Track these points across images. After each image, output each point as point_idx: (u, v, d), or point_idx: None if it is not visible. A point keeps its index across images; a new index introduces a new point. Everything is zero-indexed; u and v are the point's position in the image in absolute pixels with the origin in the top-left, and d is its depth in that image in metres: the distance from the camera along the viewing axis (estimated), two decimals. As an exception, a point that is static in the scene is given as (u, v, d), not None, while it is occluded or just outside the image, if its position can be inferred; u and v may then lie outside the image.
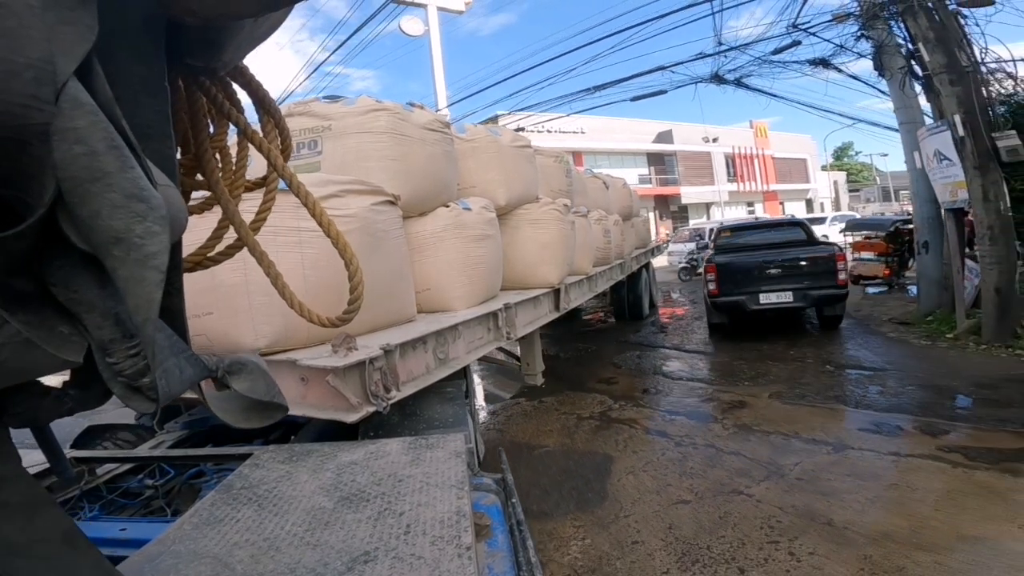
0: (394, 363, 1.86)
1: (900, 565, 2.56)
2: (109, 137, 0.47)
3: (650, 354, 7.45)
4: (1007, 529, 2.72)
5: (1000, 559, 2.51)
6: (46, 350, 0.52)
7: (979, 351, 5.79)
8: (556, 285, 3.94)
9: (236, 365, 0.85)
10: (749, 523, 3.08)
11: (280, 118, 1.02)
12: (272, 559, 0.92)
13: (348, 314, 1.05)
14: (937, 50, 6.23)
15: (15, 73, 0.42)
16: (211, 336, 1.88)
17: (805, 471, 3.64)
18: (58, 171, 0.44)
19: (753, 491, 3.44)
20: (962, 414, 4.36)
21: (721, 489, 3.53)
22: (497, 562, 1.03)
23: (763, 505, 3.26)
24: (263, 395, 0.87)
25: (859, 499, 3.20)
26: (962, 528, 2.79)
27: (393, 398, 1.81)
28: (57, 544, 0.57)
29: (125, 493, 1.54)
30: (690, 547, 2.93)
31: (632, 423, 4.88)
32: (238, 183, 1.00)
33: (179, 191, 0.67)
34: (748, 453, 3.99)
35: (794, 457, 3.86)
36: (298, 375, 1.82)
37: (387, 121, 2.65)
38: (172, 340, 0.63)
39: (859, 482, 3.41)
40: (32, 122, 0.43)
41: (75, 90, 0.45)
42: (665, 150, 32.59)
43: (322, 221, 1.00)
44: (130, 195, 0.47)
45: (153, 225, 0.49)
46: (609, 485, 3.71)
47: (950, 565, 2.53)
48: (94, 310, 0.55)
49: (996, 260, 5.70)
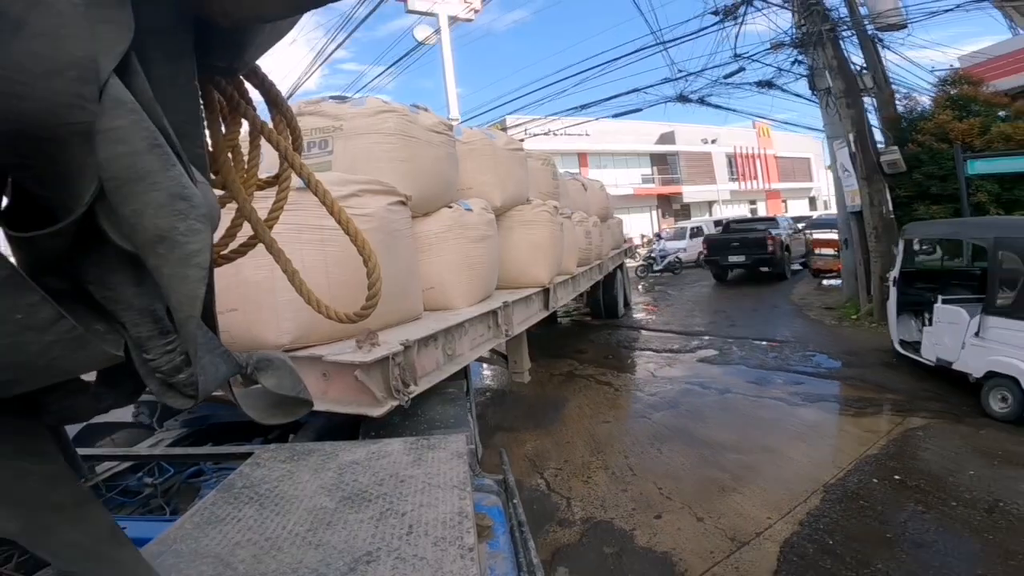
0: (412, 359, 1.91)
1: (718, 458, 4.14)
2: (151, 136, 0.47)
3: (620, 332, 9.13)
4: (796, 445, 4.24)
5: (777, 461, 3.99)
6: (94, 347, 0.52)
7: (870, 329, 7.33)
8: (547, 285, 4.16)
9: (264, 362, 0.87)
10: (641, 434, 4.75)
11: (291, 116, 1.02)
12: (274, 559, 0.92)
13: (366, 310, 1.05)
14: (838, 77, 7.77)
15: (59, 72, 0.41)
16: (234, 333, 1.88)
17: (693, 406, 5.30)
18: (102, 171, 0.45)
19: (653, 417, 5.11)
20: (822, 372, 5.96)
21: (633, 415, 5.23)
22: (499, 563, 1.03)
23: (655, 425, 4.93)
24: (290, 391, 0.90)
25: (717, 423, 4.83)
26: (767, 442, 4.33)
27: (412, 393, 1.86)
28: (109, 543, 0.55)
29: (124, 491, 1.52)
30: (600, 445, 4.61)
31: (589, 377, 6.57)
32: (251, 180, 0.99)
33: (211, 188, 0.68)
34: (661, 395, 5.67)
35: (691, 398, 5.52)
36: (320, 371, 1.84)
37: (396, 123, 2.70)
38: (208, 337, 0.62)
39: (723, 413, 5.06)
40: (75, 121, 0.43)
41: (116, 89, 0.45)
42: (668, 150, 33.84)
43: (341, 219, 0.98)
44: (173, 194, 0.48)
45: (196, 223, 0.50)
46: (560, 413, 5.41)
47: (745, 461, 4.06)
48: (131, 308, 0.56)
49: (880, 254, 7.23)
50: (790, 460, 4.01)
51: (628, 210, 31.53)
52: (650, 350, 7.71)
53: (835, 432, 4.54)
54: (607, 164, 31.74)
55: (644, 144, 33.43)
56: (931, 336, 4.79)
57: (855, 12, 8.70)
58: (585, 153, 31.16)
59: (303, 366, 1.81)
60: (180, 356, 0.57)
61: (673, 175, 34.11)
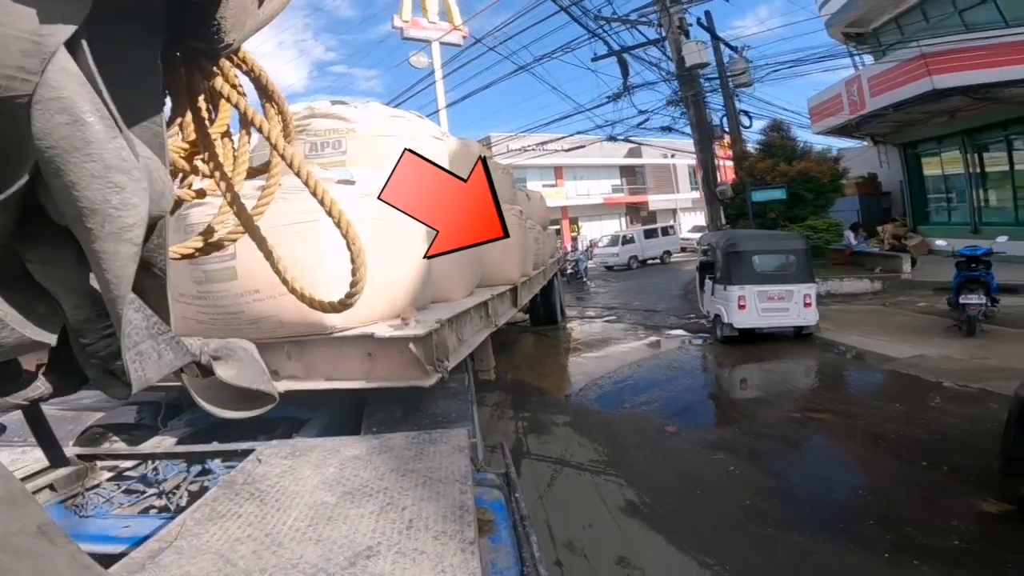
0: (444, 336, 2.04)
1: (591, 351, 8.00)
2: (94, 107, 0.46)
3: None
4: (627, 346, 8.24)
5: (615, 353, 8.01)
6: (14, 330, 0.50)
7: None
8: (517, 283, 4.52)
9: (223, 350, 0.83)
10: (562, 347, 8.40)
11: (284, 105, 0.99)
12: (274, 554, 0.92)
13: (350, 298, 1.03)
14: (696, 129, 11.44)
15: (4, 46, 0.41)
16: (284, 317, 1.93)
17: (592, 333, 8.98)
18: (38, 141, 0.44)
19: (573, 340, 8.78)
20: (664, 323, 9.65)
21: (561, 344, 8.89)
22: (500, 557, 1.03)
23: (581, 362, 8.59)
24: (251, 383, 0.84)
25: (599, 339, 8.62)
26: (613, 345, 8.24)
27: (448, 367, 1.95)
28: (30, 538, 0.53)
29: (128, 490, 1.52)
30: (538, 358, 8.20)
31: (536, 333, 10.23)
32: (240, 168, 0.97)
33: (167, 168, 0.65)
34: (581, 332, 9.37)
35: (594, 332, 9.23)
36: (364, 351, 1.93)
37: (404, 127, 2.92)
38: (150, 321, 0.59)
39: (603, 336, 8.83)
40: (17, 93, 0.43)
41: (63, 61, 0.44)
42: (636, 163, 37.61)
43: (332, 211, 0.96)
44: (109, 166, 0.46)
45: (132, 197, 0.48)
46: (517, 346, 9.05)
47: (600, 352, 7.96)
48: (71, 289, 0.54)
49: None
50: (622, 352, 8.05)
51: (600, 217, 35.34)
52: (582, 317, 11.52)
53: (650, 344, 8.52)
54: (581, 176, 35.38)
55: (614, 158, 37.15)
56: (704, 299, 8.41)
57: (723, 74, 12.42)
58: (561, 166, 34.78)
59: (347, 346, 1.96)
60: (118, 341, 0.54)
61: (641, 185, 37.85)
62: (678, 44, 12.45)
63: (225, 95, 0.89)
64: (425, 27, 22.80)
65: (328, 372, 2.06)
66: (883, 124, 12.45)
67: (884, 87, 10.60)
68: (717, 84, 12.85)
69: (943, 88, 9.31)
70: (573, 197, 34.10)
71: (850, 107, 11.82)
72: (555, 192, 32.71)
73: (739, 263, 7.23)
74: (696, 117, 11.27)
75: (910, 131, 12.70)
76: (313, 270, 1.88)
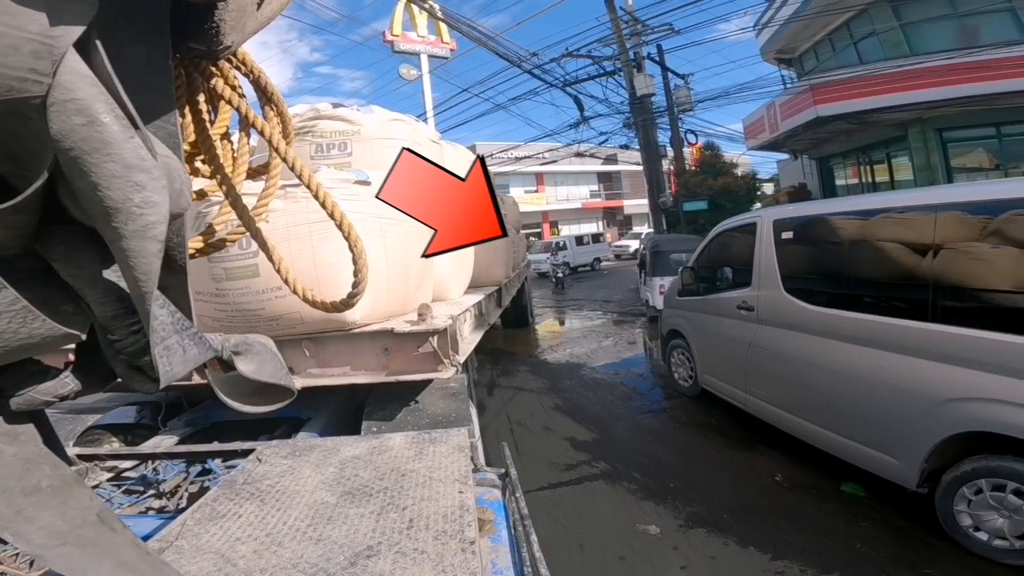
0: (454, 331, 2.09)
1: (559, 327, 10.30)
2: (109, 108, 0.46)
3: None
4: (582, 324, 10.74)
5: (574, 328, 10.50)
6: (42, 322, 0.51)
7: (659, 292, 13.47)
8: (503, 283, 4.74)
9: (243, 345, 0.85)
10: (542, 339, 10.74)
11: (283, 107, 0.99)
12: (274, 554, 0.92)
13: (352, 298, 1.03)
14: (645, 149, 13.86)
15: (15, 48, 0.42)
16: (304, 314, 1.94)
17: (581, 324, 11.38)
18: (57, 143, 0.44)
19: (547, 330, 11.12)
20: (615, 309, 12.07)
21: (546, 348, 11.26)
22: (500, 557, 1.03)
23: (544, 335, 10.95)
24: (270, 377, 0.86)
25: (567, 319, 11.05)
26: (574, 321, 10.69)
27: (459, 361, 2.01)
28: (94, 528, 0.53)
29: (128, 490, 1.52)
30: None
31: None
32: (240, 169, 0.97)
33: (184, 166, 0.66)
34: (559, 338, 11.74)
35: (563, 314, 11.57)
36: (381, 346, 1.94)
37: (405, 130, 3.04)
38: (175, 317, 0.61)
39: (572, 318, 11.29)
40: (30, 95, 0.43)
41: (74, 62, 0.45)
42: (612, 170, 40.15)
43: (334, 213, 0.96)
44: (129, 165, 0.47)
45: (152, 195, 0.49)
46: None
47: (565, 329, 10.43)
48: (96, 286, 0.56)
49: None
50: (580, 328, 10.45)
51: (579, 221, 37.76)
52: (551, 307, 13.94)
53: (601, 324, 10.95)
54: (561, 182, 37.81)
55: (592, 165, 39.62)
56: (641, 289, 10.82)
57: (671, 102, 14.88)
58: (542, 173, 37.16)
59: (363, 342, 1.98)
60: (146, 337, 0.55)
61: (617, 190, 40.38)
62: (631, 76, 14.87)
63: (225, 97, 0.91)
64: (414, 40, 24.63)
65: (345, 367, 2.13)
66: (801, 141, 14.95)
67: (789, 112, 13.08)
68: (665, 109, 15.32)
69: (825, 116, 11.79)
70: (553, 202, 36.49)
71: (769, 127, 14.30)
72: (536, 197, 35.19)
73: (659, 260, 9.64)
74: (644, 139, 13.64)
75: (823, 147, 15.23)
76: (336, 267, 1.93)
